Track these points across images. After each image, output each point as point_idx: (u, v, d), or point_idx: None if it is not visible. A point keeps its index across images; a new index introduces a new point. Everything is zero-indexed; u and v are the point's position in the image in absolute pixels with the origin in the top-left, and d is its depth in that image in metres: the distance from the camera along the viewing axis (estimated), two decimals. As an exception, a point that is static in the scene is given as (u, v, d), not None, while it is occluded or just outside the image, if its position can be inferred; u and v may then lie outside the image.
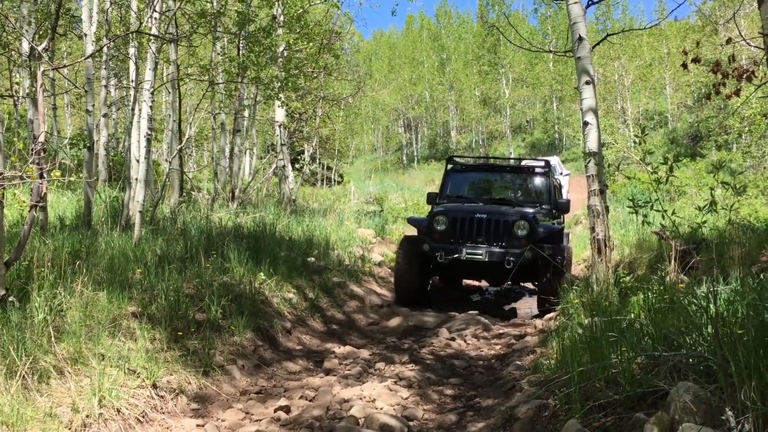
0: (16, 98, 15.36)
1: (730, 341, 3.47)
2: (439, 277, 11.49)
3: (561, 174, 17.75)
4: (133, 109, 10.57)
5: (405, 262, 9.64)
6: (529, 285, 11.67)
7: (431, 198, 10.76)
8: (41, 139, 5.69)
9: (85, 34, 10.82)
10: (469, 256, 9.16)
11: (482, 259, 9.13)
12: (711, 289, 4.40)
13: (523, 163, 12.79)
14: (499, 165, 12.53)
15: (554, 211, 10.45)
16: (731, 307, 4.32)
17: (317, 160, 36.21)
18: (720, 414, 3.24)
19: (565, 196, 18.38)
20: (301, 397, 5.55)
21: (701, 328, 4.12)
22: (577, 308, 6.63)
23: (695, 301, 4.61)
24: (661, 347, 4.14)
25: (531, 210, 9.85)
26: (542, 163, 11.32)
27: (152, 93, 9.67)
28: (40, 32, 9.45)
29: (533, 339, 7.32)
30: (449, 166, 11.38)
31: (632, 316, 5.11)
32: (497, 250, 9.19)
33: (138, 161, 9.63)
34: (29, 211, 5.63)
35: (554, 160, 19.34)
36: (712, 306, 3.95)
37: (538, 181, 11.07)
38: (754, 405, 3.06)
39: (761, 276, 5.24)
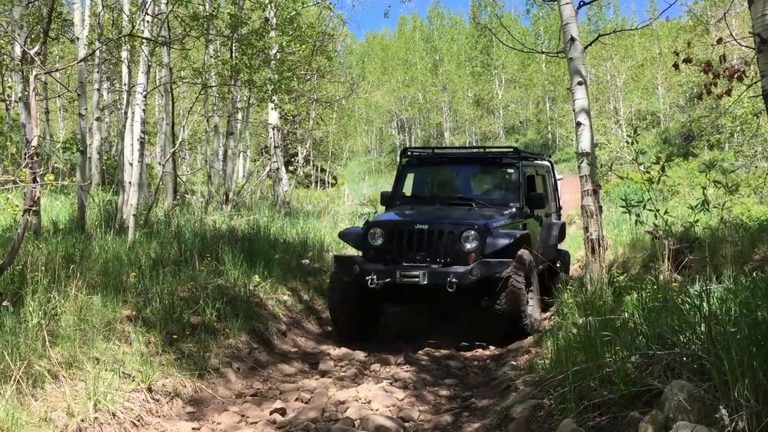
0: (8, 102, 15.30)
1: (724, 339, 3.49)
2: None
3: (557, 178, 17.79)
4: (125, 113, 10.55)
5: (337, 291, 7.70)
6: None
7: (385, 198, 9.16)
8: (34, 143, 5.67)
9: (78, 38, 10.79)
10: (406, 279, 7.22)
11: (419, 281, 7.17)
12: (704, 288, 4.42)
13: (490, 151, 10.34)
14: (461, 156, 10.15)
15: (525, 209, 8.59)
16: (724, 305, 4.34)
17: (311, 162, 36.21)
18: (714, 412, 3.26)
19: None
20: (296, 399, 5.55)
21: (695, 326, 4.14)
22: (572, 308, 6.65)
23: (688, 299, 4.63)
24: (655, 346, 4.16)
25: (491, 212, 8.12)
26: (510, 151, 9.21)
27: (145, 96, 9.66)
28: (32, 36, 9.40)
29: (528, 339, 7.34)
30: (403, 161, 9.50)
31: (626, 315, 5.13)
32: (438, 269, 7.27)
33: (131, 165, 9.62)
34: (22, 216, 5.61)
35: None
36: (705, 305, 3.97)
37: (505, 173, 8.96)
38: (748, 403, 3.08)
39: (754, 274, 5.27)
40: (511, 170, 8.84)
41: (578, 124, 7.35)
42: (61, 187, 12.08)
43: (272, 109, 16.88)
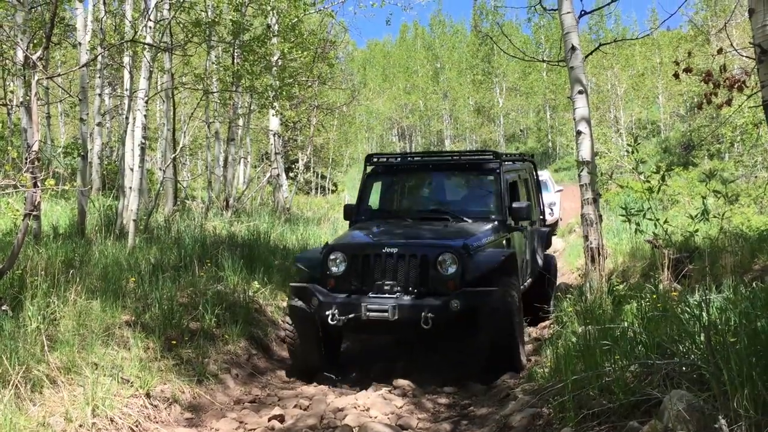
0: (9, 107, 15.35)
1: (723, 349, 3.49)
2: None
3: (552, 190, 17.77)
4: (127, 118, 10.58)
5: (297, 327, 6.51)
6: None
7: (348, 213, 7.97)
8: (35, 147, 5.68)
9: (80, 43, 10.83)
10: (372, 314, 6.01)
11: (388, 317, 5.95)
12: (704, 298, 4.42)
13: (466, 158, 8.56)
14: (433, 163, 8.68)
15: (509, 222, 7.42)
16: (724, 315, 4.34)
17: (311, 169, 36.24)
18: (713, 422, 3.25)
19: (556, 214, 17.72)
20: (295, 406, 5.54)
21: (694, 336, 4.14)
22: (571, 316, 6.65)
23: (688, 309, 4.63)
24: (655, 355, 4.15)
25: (470, 228, 6.98)
26: (489, 156, 7.96)
27: (146, 102, 9.68)
28: (35, 41, 9.44)
29: (527, 348, 7.32)
30: (368, 169, 8.26)
31: (625, 324, 5.12)
32: (410, 302, 6.05)
33: (132, 170, 9.63)
34: (23, 220, 5.61)
35: (545, 175, 19.40)
36: (704, 314, 3.97)
37: (484, 180, 7.81)
38: (747, 413, 3.08)
39: (753, 284, 5.27)
40: (490, 177, 7.68)
41: (578, 132, 7.36)
42: (61, 192, 12.09)
43: (273, 115, 16.93)
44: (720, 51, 6.39)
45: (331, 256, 6.40)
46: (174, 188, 14.26)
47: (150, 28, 9.52)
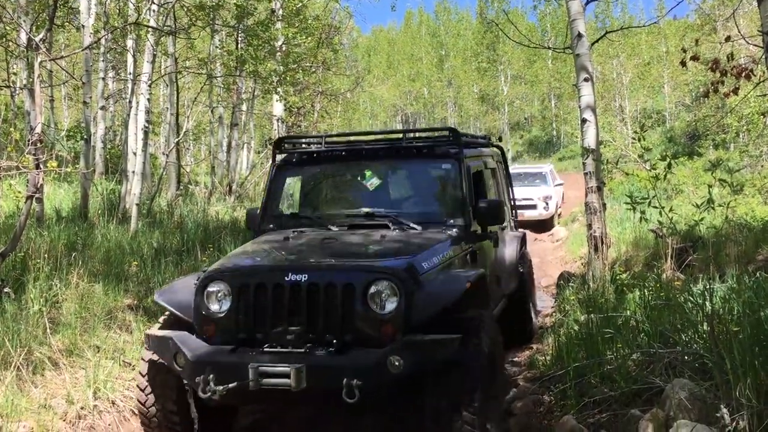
0: (13, 89, 15.32)
1: (726, 339, 3.48)
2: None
3: (552, 184, 17.67)
4: (130, 102, 10.55)
5: (156, 395, 4.33)
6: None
7: (251, 218, 5.67)
8: (38, 130, 5.67)
9: (83, 26, 10.77)
10: (267, 380, 3.79)
11: (291, 385, 3.74)
12: (707, 287, 4.40)
13: (414, 137, 6.22)
14: (368, 148, 5.88)
15: (474, 229, 5.28)
16: (727, 304, 4.33)
17: (315, 155, 36.12)
18: (715, 411, 3.25)
19: (551, 209, 16.72)
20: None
21: (697, 325, 4.13)
22: (573, 305, 6.64)
23: (691, 298, 4.61)
24: (657, 344, 4.15)
25: (419, 240, 4.78)
26: (446, 137, 5.78)
27: (150, 86, 9.65)
28: (38, 23, 9.41)
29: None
30: (279, 158, 5.94)
31: (628, 313, 5.12)
32: (325, 359, 3.87)
33: (135, 154, 9.62)
34: (25, 202, 5.61)
35: (547, 168, 19.30)
36: (708, 304, 3.95)
37: (439, 171, 5.62)
38: (749, 402, 3.07)
39: (757, 274, 5.25)
40: (447, 165, 5.51)
41: (584, 120, 7.32)
42: (64, 176, 12.08)
43: (277, 100, 16.86)
44: (728, 39, 6.34)
45: (210, 288, 4.18)
46: (177, 173, 14.26)
47: (153, 11, 9.48)
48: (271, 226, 5.46)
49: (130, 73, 10.38)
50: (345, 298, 3.98)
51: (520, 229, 7.69)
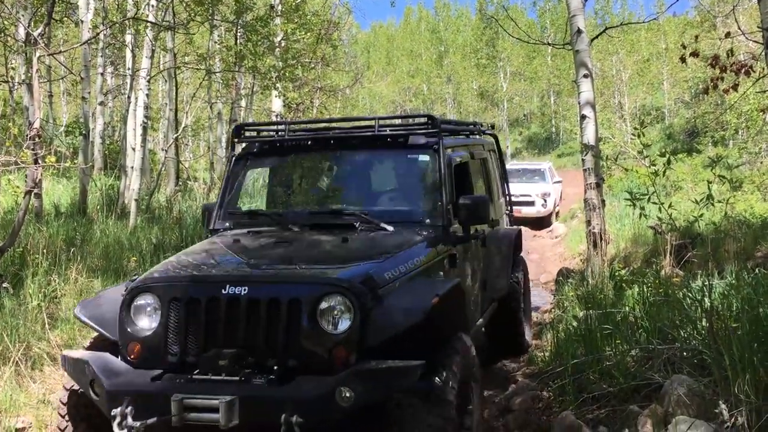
0: (11, 84, 15.29)
1: (725, 335, 3.48)
2: None
3: (551, 180, 17.68)
4: (129, 98, 10.54)
5: (74, 426, 3.71)
6: None
7: (207, 215, 5.04)
8: (36, 125, 5.66)
9: (82, 21, 10.75)
10: (193, 414, 3.17)
11: (219, 421, 3.11)
12: (706, 284, 4.41)
13: (388, 124, 5.53)
14: (335, 137, 5.22)
15: (453, 229, 4.61)
16: (726, 301, 4.33)
17: (314, 151, 36.09)
18: (714, 407, 3.25)
19: (550, 206, 16.61)
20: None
21: (696, 321, 4.14)
22: (572, 301, 6.65)
23: (690, 294, 4.62)
24: (656, 340, 4.15)
25: (384, 244, 4.19)
26: (423, 124, 5.03)
27: (149, 81, 9.64)
28: (36, 18, 9.38)
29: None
30: (237, 147, 5.37)
31: (627, 309, 5.12)
32: (262, 389, 3.28)
33: (134, 150, 9.61)
34: (23, 197, 5.60)
35: (546, 165, 19.30)
36: (706, 300, 3.96)
37: (414, 163, 4.99)
38: (748, 398, 3.07)
39: (756, 270, 5.26)
40: (424, 157, 4.86)
41: (583, 117, 7.31)
42: (63, 171, 12.08)
43: (276, 96, 16.83)
44: (728, 35, 6.33)
45: (138, 302, 3.60)
46: (176, 169, 14.25)
47: (152, 6, 9.45)
48: (227, 224, 4.84)
49: (128, 69, 10.37)
50: (290, 315, 3.39)
51: (516, 226, 7.07)
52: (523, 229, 15.33)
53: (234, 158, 5.15)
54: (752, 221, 9.18)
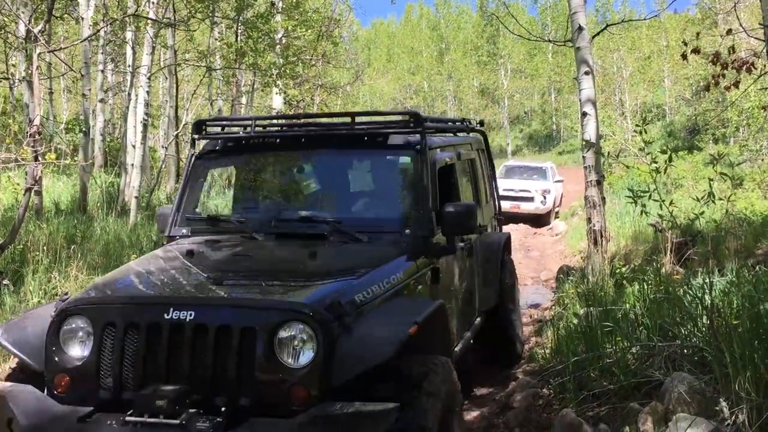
0: (11, 81, 15.28)
1: (725, 332, 3.48)
2: None
3: (552, 179, 17.67)
4: (129, 95, 10.54)
5: None
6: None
7: (162, 221, 4.56)
8: (36, 122, 5.65)
9: (82, 17, 10.75)
10: None
11: None
12: (706, 281, 4.40)
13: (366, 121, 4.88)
14: (308, 135, 4.64)
15: (437, 237, 4.08)
16: (727, 298, 4.33)
17: (314, 149, 36.09)
18: (714, 404, 3.25)
19: (549, 203, 16.33)
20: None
21: (696, 319, 4.13)
22: (573, 298, 6.64)
23: (691, 292, 4.61)
24: (656, 338, 4.15)
25: (357, 258, 3.77)
26: (405, 123, 4.49)
27: (149, 78, 9.63)
28: (37, 14, 9.36)
29: (528, 328, 7.32)
30: (198, 145, 4.82)
31: (627, 306, 5.12)
32: None
33: (134, 147, 9.61)
34: (24, 195, 5.60)
35: (548, 164, 19.28)
36: (707, 297, 3.95)
37: (395, 166, 4.49)
38: (749, 396, 3.07)
39: (757, 268, 5.26)
40: (405, 158, 4.36)
41: (584, 114, 7.31)
42: (63, 168, 12.07)
43: (276, 93, 16.82)
44: (729, 32, 6.32)
45: (67, 326, 3.10)
46: (176, 166, 14.24)
47: (153, 3, 9.44)
48: (184, 231, 4.33)
49: (129, 66, 10.36)
50: (243, 345, 2.90)
51: (504, 230, 6.55)
52: (523, 226, 15.29)
53: (196, 158, 4.64)
54: (753, 219, 9.18)
